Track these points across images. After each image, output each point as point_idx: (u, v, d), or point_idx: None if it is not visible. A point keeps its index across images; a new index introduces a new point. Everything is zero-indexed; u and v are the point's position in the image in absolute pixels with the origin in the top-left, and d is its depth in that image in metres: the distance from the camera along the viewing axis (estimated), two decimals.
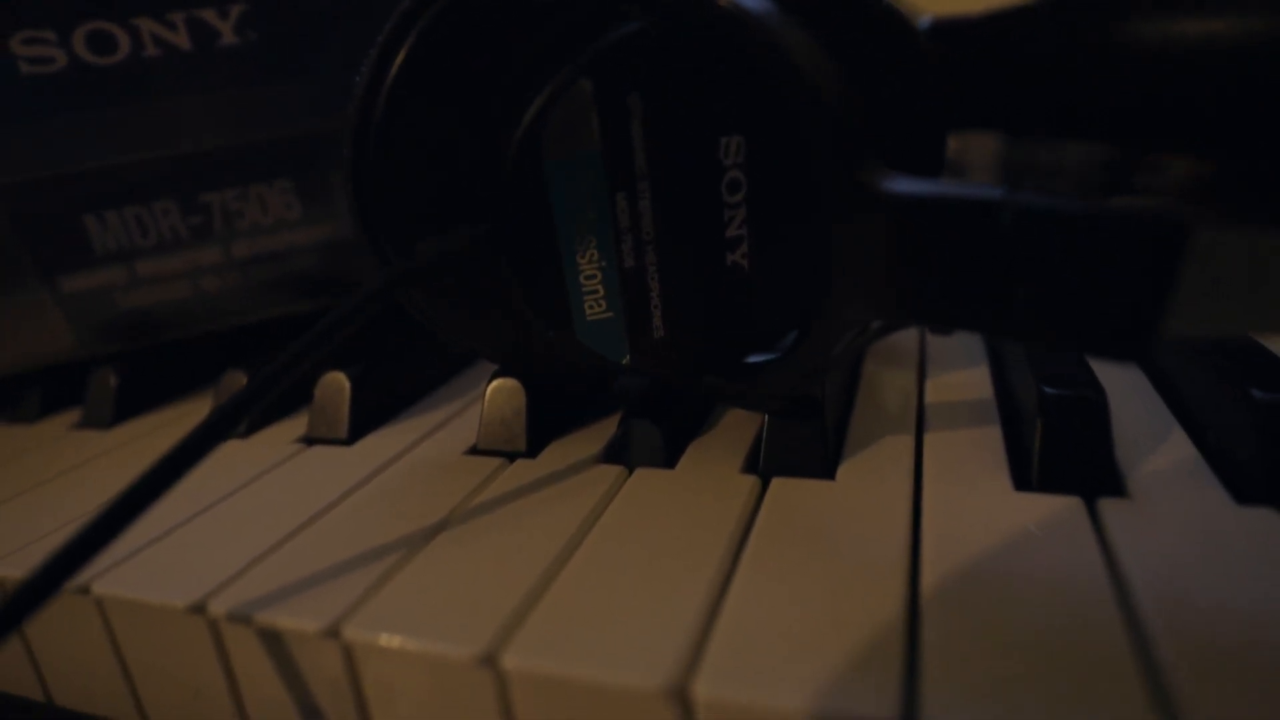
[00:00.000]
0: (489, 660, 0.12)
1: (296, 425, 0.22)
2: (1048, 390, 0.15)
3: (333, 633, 0.13)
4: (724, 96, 0.14)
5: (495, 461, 0.19)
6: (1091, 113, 0.27)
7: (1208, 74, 0.24)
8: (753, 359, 0.17)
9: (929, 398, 0.19)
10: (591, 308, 0.16)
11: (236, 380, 0.22)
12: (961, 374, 0.21)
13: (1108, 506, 0.14)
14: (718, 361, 0.17)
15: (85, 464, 0.21)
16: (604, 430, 0.20)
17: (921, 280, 0.13)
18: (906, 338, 0.24)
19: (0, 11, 0.21)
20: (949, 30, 0.28)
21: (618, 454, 0.18)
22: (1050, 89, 0.27)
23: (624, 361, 0.17)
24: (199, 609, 0.14)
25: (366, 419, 0.21)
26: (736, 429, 0.19)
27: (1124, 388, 0.19)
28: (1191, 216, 0.11)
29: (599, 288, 0.16)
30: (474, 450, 0.19)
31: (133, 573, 0.15)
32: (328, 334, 0.14)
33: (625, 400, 0.19)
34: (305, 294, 0.26)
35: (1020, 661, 0.11)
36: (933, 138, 0.21)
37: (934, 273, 0.12)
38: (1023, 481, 0.15)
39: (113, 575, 0.15)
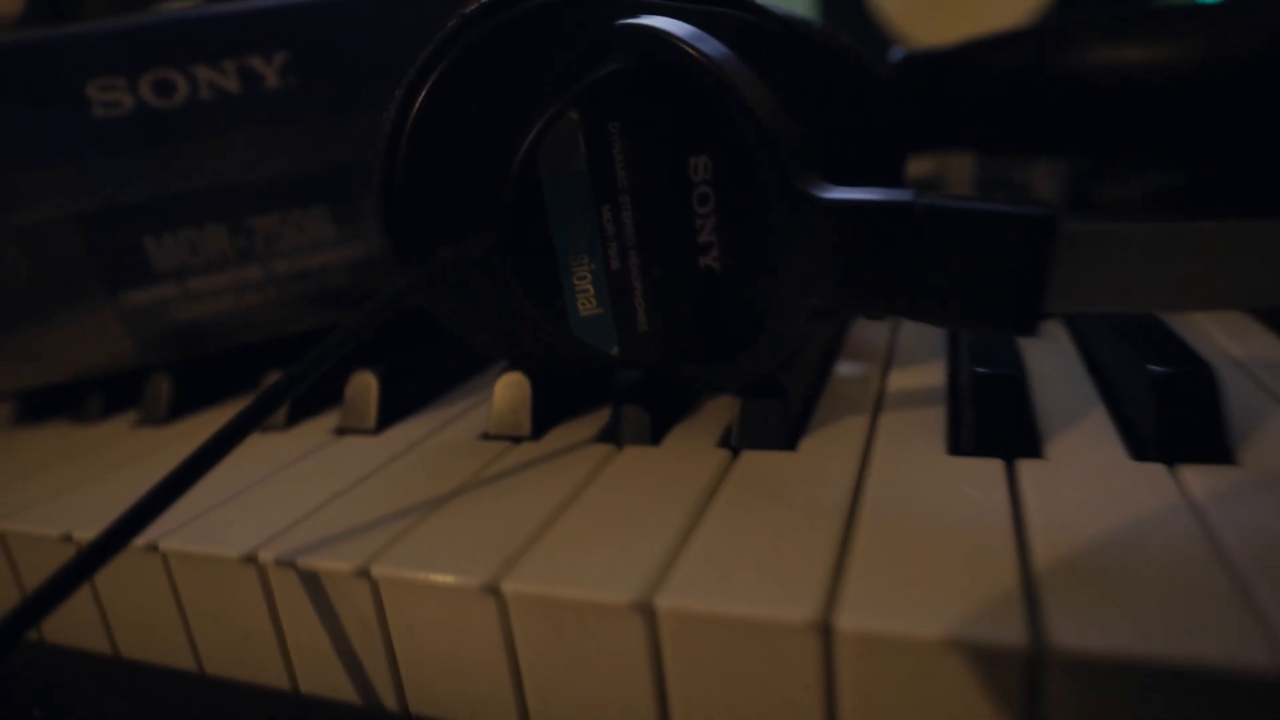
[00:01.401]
0: (492, 588, 0.14)
1: (330, 420, 0.25)
2: (979, 370, 0.18)
3: (363, 572, 0.16)
4: (690, 124, 0.17)
5: (504, 444, 0.21)
6: (1048, 133, 0.29)
7: (1147, 96, 0.26)
8: (725, 348, 0.19)
9: (890, 386, 0.22)
10: (584, 305, 0.19)
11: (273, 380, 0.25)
12: (922, 367, 0.23)
13: (1024, 465, 0.16)
14: (695, 351, 0.19)
15: (145, 454, 0.24)
16: (601, 418, 0.22)
17: (851, 272, 0.15)
18: (877, 339, 0.26)
19: (78, 62, 0.25)
20: (919, 61, 0.31)
21: (610, 436, 0.21)
22: (1008, 112, 0.30)
23: (613, 353, 0.19)
24: (250, 558, 0.17)
25: (392, 412, 0.24)
26: (717, 415, 0.21)
27: (1062, 370, 0.21)
28: (1058, 213, 0.13)
29: (589, 288, 0.18)
30: (485, 436, 0.22)
31: (193, 532, 0.18)
32: (359, 329, 0.17)
33: (619, 391, 0.22)
34: (337, 307, 0.29)
35: (925, 570, 0.13)
36: (892, 156, 0.23)
37: (860, 264, 0.15)
38: (955, 448, 0.17)
39: (176, 534, 0.18)
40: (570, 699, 0.15)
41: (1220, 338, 0.23)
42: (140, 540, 0.18)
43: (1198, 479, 0.15)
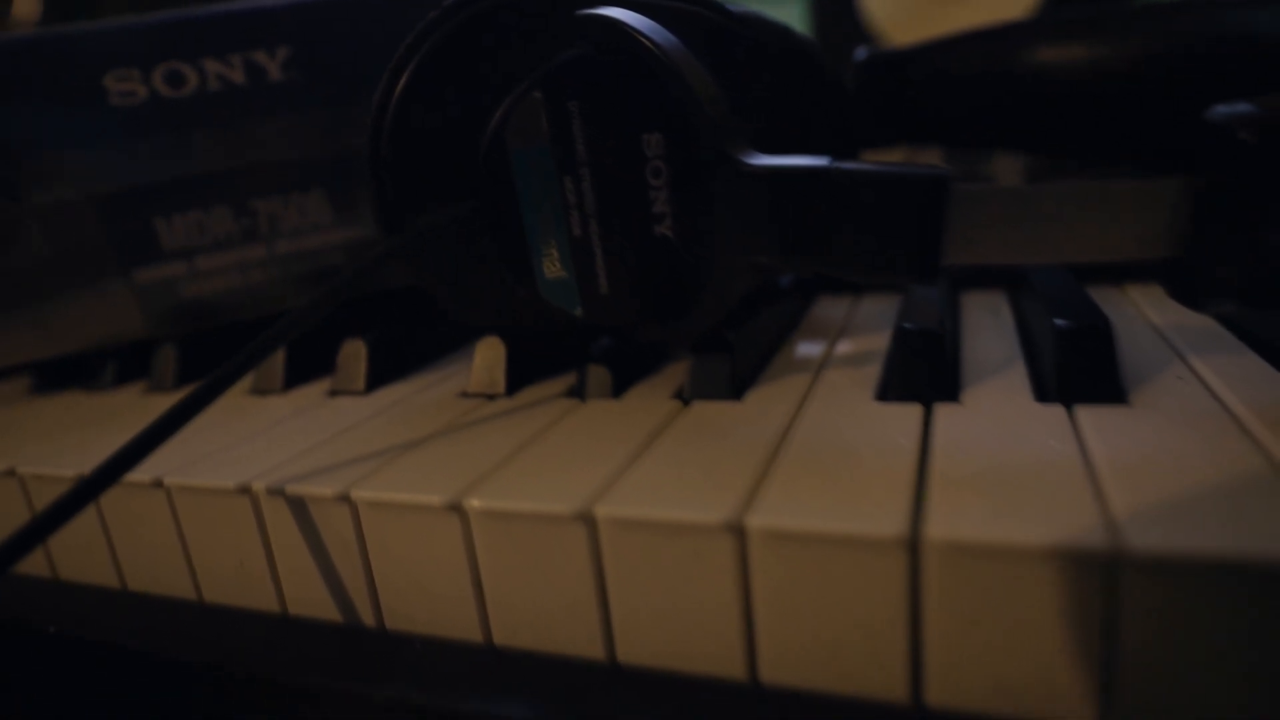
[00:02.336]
0: (455, 505, 0.16)
1: (324, 386, 0.27)
2: (903, 325, 0.19)
3: (344, 497, 0.18)
4: (643, 104, 0.19)
5: (480, 400, 0.23)
6: (1002, 130, 0.31)
7: (1089, 94, 0.28)
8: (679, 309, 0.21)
9: (838, 351, 0.24)
10: (549, 269, 0.21)
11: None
12: (873, 335, 0.25)
13: (940, 408, 0.18)
14: (653, 312, 0.21)
15: (153, 417, 0.26)
16: (572, 379, 0.24)
17: (781, 231, 0.17)
18: (836, 315, 0.28)
19: (96, 55, 0.27)
20: (881, 60, 0.33)
21: (577, 392, 0.22)
22: (965, 109, 0.32)
23: (577, 313, 0.21)
24: (244, 489, 0.19)
25: (379, 376, 0.26)
26: (676, 374, 0.23)
27: (996, 330, 0.23)
28: (950, 174, 0.15)
29: (554, 252, 0.20)
30: (464, 394, 0.24)
31: (194, 469, 0.20)
32: (347, 284, 0.19)
33: (588, 354, 0.24)
34: (369, 275, 0.31)
35: (831, 484, 0.15)
36: (846, 138, 0.25)
37: (788, 224, 0.17)
38: (883, 396, 0.19)
39: (178, 471, 0.20)
40: (523, 604, 0.16)
41: (1146, 308, 0.24)
42: (146, 477, 0.20)
43: (1089, 415, 0.17)
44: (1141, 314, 0.24)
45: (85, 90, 0.27)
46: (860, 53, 0.33)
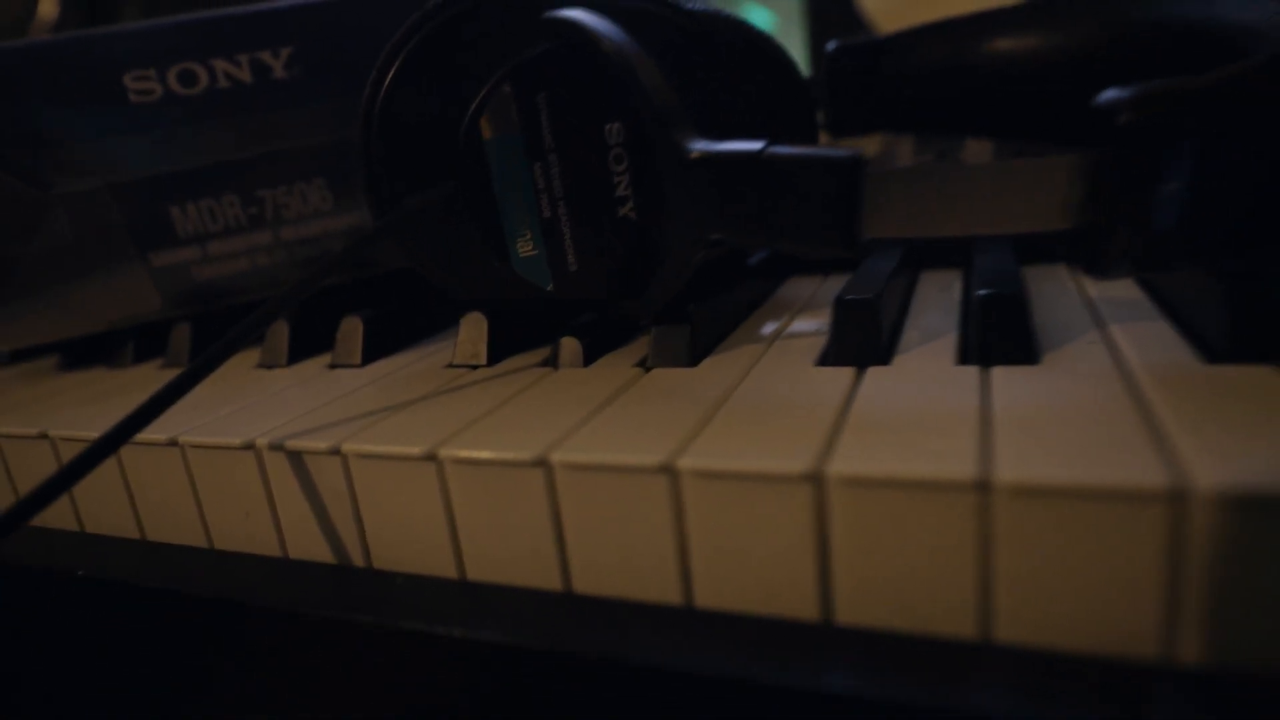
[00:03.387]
0: (431, 455, 0.18)
1: (325, 360, 0.29)
2: (840, 296, 0.21)
3: (336, 450, 0.20)
4: (604, 96, 0.21)
5: (464, 370, 0.25)
6: (965, 116, 0.33)
7: (1041, 80, 0.30)
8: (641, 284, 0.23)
9: (794, 325, 0.25)
10: (522, 247, 0.23)
11: (280, 327, 0.30)
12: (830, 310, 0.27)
13: (870, 370, 0.20)
14: (618, 287, 0.23)
15: None
16: (548, 351, 0.26)
17: (723, 210, 0.19)
18: (802, 293, 0.30)
19: (116, 56, 0.29)
20: (850, 50, 0.34)
21: (551, 362, 0.25)
22: (930, 97, 0.33)
23: (549, 288, 0.23)
24: (249, 445, 0.21)
25: (375, 350, 0.28)
26: (643, 345, 0.25)
27: (941, 303, 0.25)
28: (861, 155, 0.17)
29: (527, 231, 0.22)
30: (450, 365, 0.26)
31: (206, 430, 0.22)
32: (342, 258, 0.21)
33: (563, 328, 0.26)
34: (357, 255, 0.33)
35: (761, 434, 0.17)
36: (805, 124, 0.27)
37: (726, 204, 0.19)
38: (822, 361, 0.21)
39: (192, 431, 0.22)
40: (493, 543, 0.19)
41: (1087, 284, 0.26)
42: (162, 437, 0.22)
43: (1000, 375, 0.19)
44: (1079, 288, 0.26)
45: (106, 88, 0.29)
46: (831, 44, 0.35)
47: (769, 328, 0.25)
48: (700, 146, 0.19)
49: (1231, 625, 0.13)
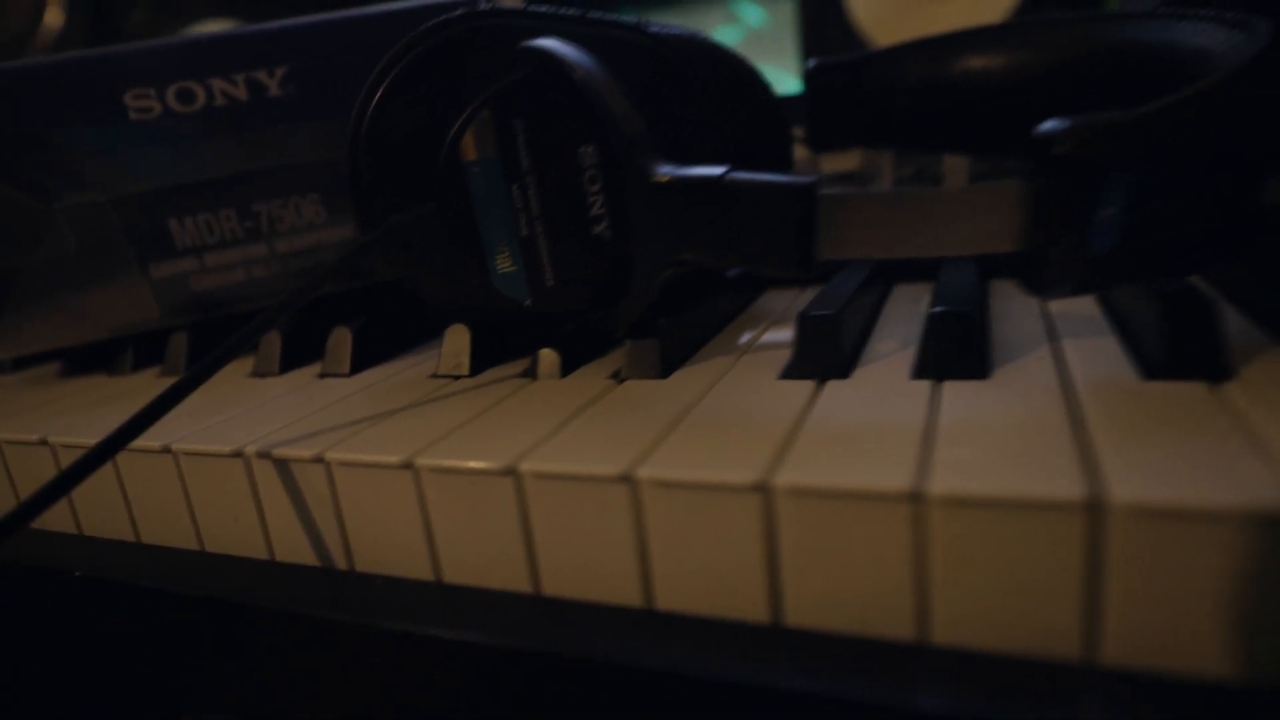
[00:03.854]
0: (408, 464, 0.19)
1: (316, 369, 0.30)
2: (803, 311, 0.22)
3: (319, 458, 0.21)
4: (578, 121, 0.22)
5: (447, 380, 0.26)
6: (938, 132, 0.34)
7: (1005, 98, 0.31)
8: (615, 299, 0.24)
9: (765, 337, 0.26)
10: (502, 263, 0.24)
11: (273, 337, 0.31)
12: None
13: (830, 384, 0.21)
14: (592, 301, 0.24)
15: None
16: (529, 362, 0.27)
17: (687, 232, 0.20)
18: (778, 306, 0.31)
19: (118, 76, 0.30)
20: (828, 68, 0.35)
21: (530, 372, 0.26)
22: (906, 114, 0.34)
23: (527, 303, 0.24)
24: (238, 453, 0.22)
25: (363, 360, 0.29)
26: (619, 357, 0.26)
27: (910, 316, 0.26)
28: (817, 182, 0.18)
29: (505, 249, 0.23)
30: (435, 375, 0.27)
31: (198, 437, 0.23)
32: (329, 273, 0.22)
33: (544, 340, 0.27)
34: (343, 271, 0.34)
35: (719, 445, 0.18)
36: (778, 146, 0.28)
37: (689, 225, 0.20)
38: (786, 375, 0.22)
39: (184, 439, 0.23)
40: (467, 547, 0.19)
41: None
42: (156, 444, 0.23)
43: (950, 389, 0.19)
44: (1041, 304, 0.27)
45: (108, 107, 0.30)
46: (810, 62, 0.36)
47: (742, 339, 0.26)
48: (665, 171, 0.20)
49: (1148, 629, 0.14)
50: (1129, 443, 0.15)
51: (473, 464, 0.19)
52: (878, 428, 0.18)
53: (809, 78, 0.36)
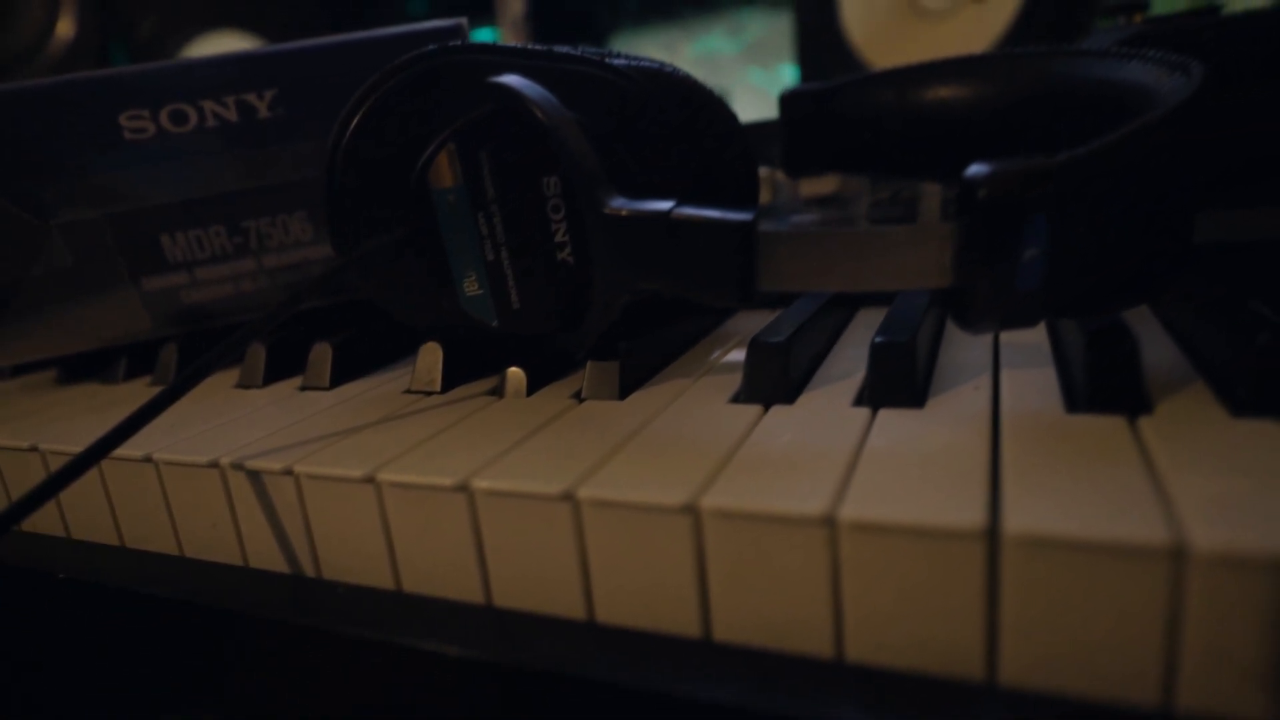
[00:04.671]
0: (369, 478, 0.21)
1: (298, 382, 0.31)
2: (755, 338, 0.23)
3: (289, 470, 0.22)
4: (541, 152, 0.23)
5: (419, 396, 0.27)
6: (905, 160, 0.35)
7: (964, 128, 0.32)
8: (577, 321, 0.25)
9: (725, 359, 0.27)
10: (469, 287, 0.25)
11: (257, 350, 0.32)
12: None
13: (774, 409, 0.22)
14: (556, 323, 0.25)
15: None
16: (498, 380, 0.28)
17: (639, 261, 0.21)
18: (747, 327, 0.32)
19: (113, 97, 0.32)
20: (801, 96, 0.37)
21: (498, 390, 0.27)
22: (875, 141, 0.35)
23: (493, 324, 0.25)
24: (214, 463, 0.23)
25: (343, 374, 0.30)
26: (582, 378, 0.27)
27: (866, 339, 0.27)
28: (756, 218, 0.19)
29: (472, 273, 0.24)
30: (408, 391, 0.28)
31: (178, 447, 0.25)
32: (300, 296, 0.23)
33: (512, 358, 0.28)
34: (314, 293, 0.36)
35: (661, 465, 0.19)
36: (746, 175, 0.29)
37: (641, 256, 0.21)
38: (735, 399, 0.23)
39: (165, 448, 0.25)
40: (424, 558, 0.21)
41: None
42: (138, 453, 0.25)
43: (885, 416, 0.20)
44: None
45: (104, 127, 0.32)
46: (785, 89, 0.37)
47: (706, 360, 0.27)
48: (617, 204, 0.21)
49: (1043, 651, 0.15)
50: (1034, 475, 0.16)
51: (429, 480, 0.20)
52: (809, 454, 0.19)
53: (783, 104, 0.37)
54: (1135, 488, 0.15)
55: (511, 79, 0.22)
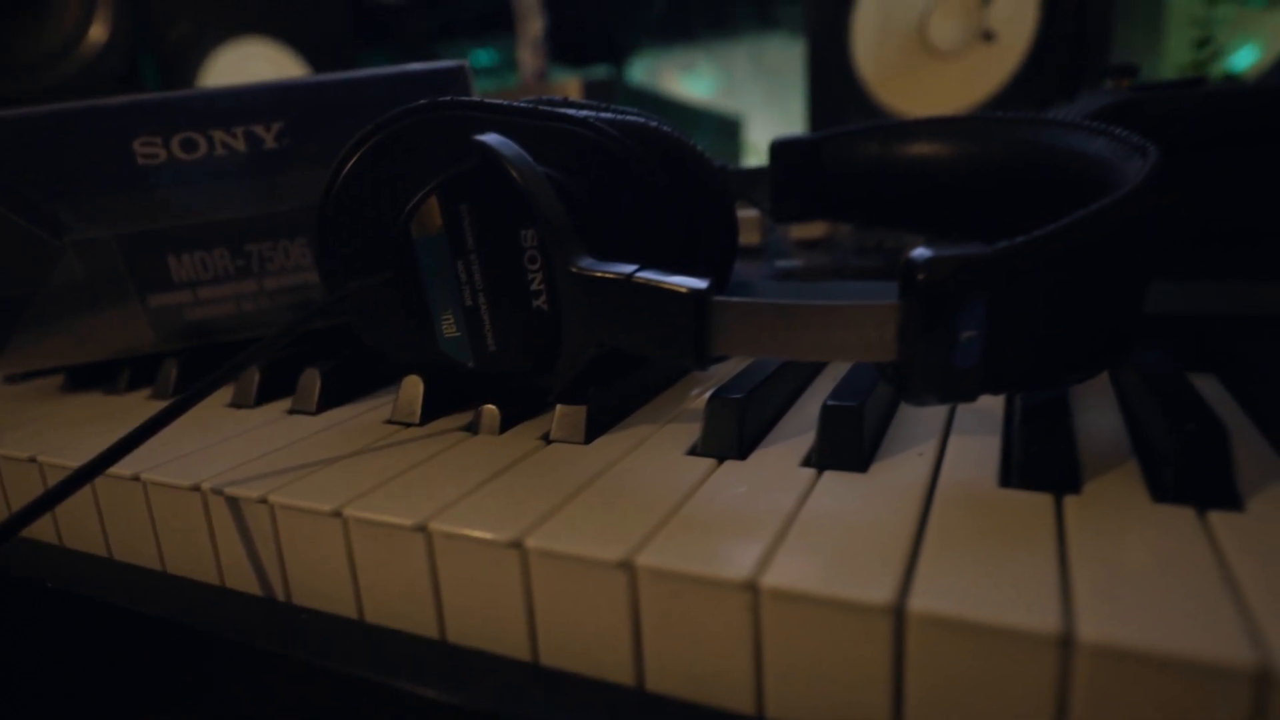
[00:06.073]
0: (337, 513, 0.22)
1: (288, 404, 0.33)
2: (715, 393, 0.24)
3: (263, 499, 0.23)
4: (518, 208, 0.24)
5: (399, 427, 0.28)
6: (886, 210, 0.36)
7: (945, 183, 0.33)
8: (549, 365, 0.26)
9: (689, 405, 0.28)
10: (447, 329, 0.26)
11: (250, 374, 0.33)
12: None
13: (726, 464, 0.23)
14: (530, 366, 0.27)
15: None
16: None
17: (602, 319, 0.22)
18: (722, 369, 0.33)
19: (127, 124, 0.33)
20: (788, 146, 0.38)
21: (473, 427, 0.28)
22: (857, 191, 0.36)
23: (470, 364, 0.26)
24: (196, 487, 0.24)
25: (330, 399, 0.32)
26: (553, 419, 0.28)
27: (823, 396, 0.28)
28: (711, 286, 0.20)
29: (451, 317, 0.26)
30: (389, 421, 0.29)
31: (165, 468, 0.26)
32: (291, 329, 0.25)
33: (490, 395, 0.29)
34: (298, 331, 0.37)
35: (608, 516, 0.20)
36: (725, 227, 0.30)
37: (605, 314, 0.22)
38: (691, 451, 0.24)
39: (153, 469, 0.26)
40: (385, 592, 0.22)
41: None
42: (127, 472, 0.26)
43: (828, 479, 0.21)
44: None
45: (118, 151, 0.33)
46: (775, 139, 0.38)
47: (674, 407, 0.28)
48: (584, 264, 0.22)
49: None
50: (951, 552, 0.17)
51: (392, 519, 0.21)
52: (748, 514, 0.20)
53: (772, 153, 0.38)
54: (1041, 572, 0.16)
55: (491, 138, 0.24)
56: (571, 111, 0.26)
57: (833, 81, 0.77)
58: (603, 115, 0.28)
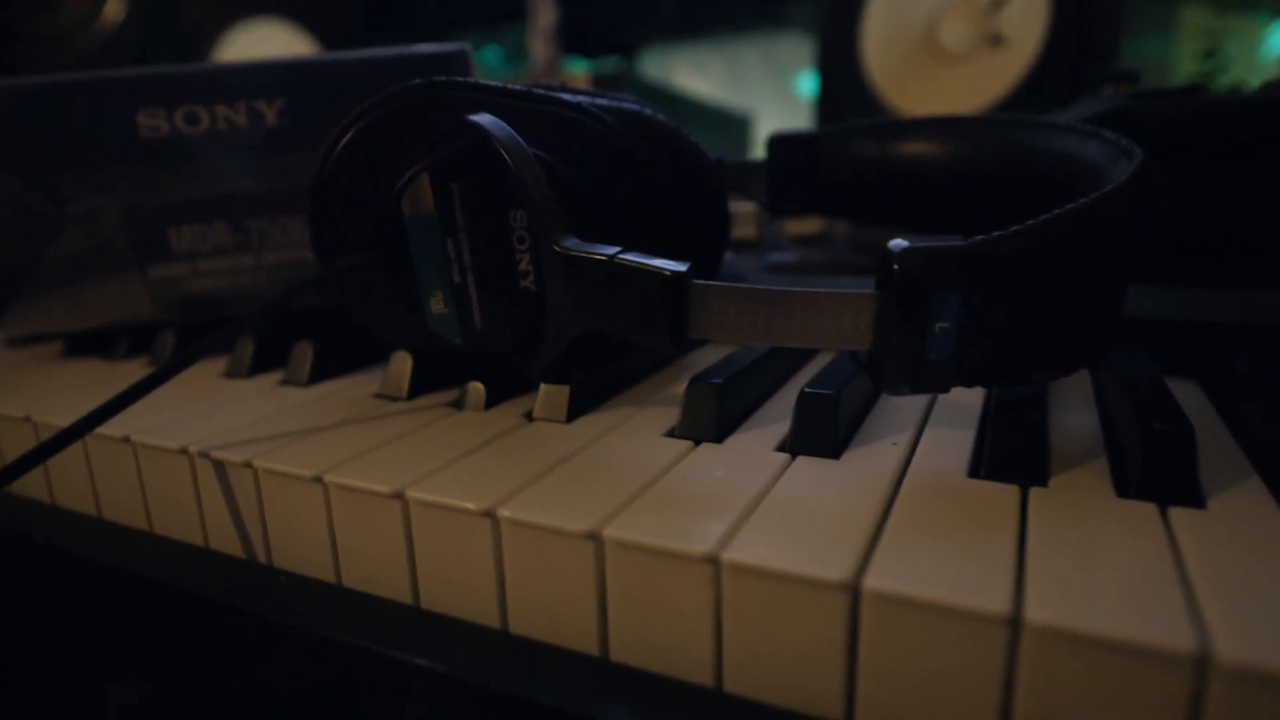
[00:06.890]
0: (318, 478, 0.22)
1: (282, 375, 0.33)
2: (695, 377, 0.25)
3: (248, 464, 0.24)
4: (508, 188, 0.25)
5: (386, 401, 0.29)
6: (879, 207, 0.36)
7: (935, 182, 0.33)
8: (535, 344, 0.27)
9: (671, 390, 0.29)
10: (435, 307, 0.26)
11: (245, 344, 0.34)
12: None
13: (702, 446, 0.23)
14: (516, 345, 0.27)
15: None
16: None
17: (581, 300, 0.22)
18: (711, 356, 0.33)
19: (131, 97, 0.34)
20: (785, 141, 0.38)
21: (459, 403, 0.28)
22: (851, 188, 0.37)
23: (457, 341, 0.27)
24: (183, 450, 0.25)
25: (321, 372, 0.32)
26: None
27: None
28: (690, 269, 0.20)
29: (439, 293, 0.26)
30: (377, 395, 0.30)
31: (154, 431, 0.26)
32: (278, 302, 0.25)
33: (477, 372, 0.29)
34: (287, 303, 0.37)
35: (581, 492, 0.20)
36: (715, 213, 0.30)
37: (586, 295, 0.22)
38: (669, 433, 0.24)
39: (143, 432, 0.26)
40: (363, 557, 0.22)
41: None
42: (118, 433, 0.26)
43: (800, 465, 0.22)
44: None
45: (121, 124, 0.34)
46: (772, 133, 0.38)
47: (657, 392, 0.29)
48: (568, 245, 0.22)
49: (894, 698, 0.16)
50: (911, 536, 0.18)
51: (370, 485, 0.21)
52: (717, 494, 0.20)
53: (769, 147, 0.38)
54: (997, 557, 0.17)
55: (484, 118, 0.24)
56: (566, 96, 0.27)
57: (844, 90, 0.77)
58: (598, 102, 0.28)
